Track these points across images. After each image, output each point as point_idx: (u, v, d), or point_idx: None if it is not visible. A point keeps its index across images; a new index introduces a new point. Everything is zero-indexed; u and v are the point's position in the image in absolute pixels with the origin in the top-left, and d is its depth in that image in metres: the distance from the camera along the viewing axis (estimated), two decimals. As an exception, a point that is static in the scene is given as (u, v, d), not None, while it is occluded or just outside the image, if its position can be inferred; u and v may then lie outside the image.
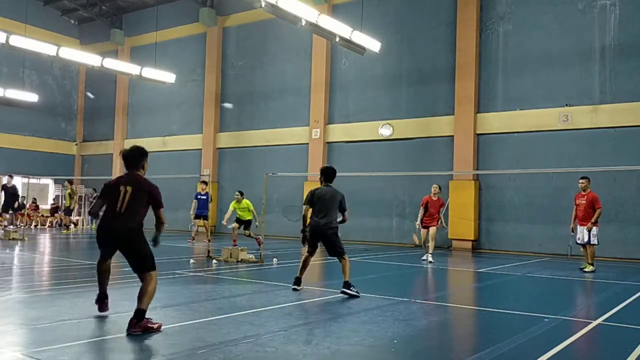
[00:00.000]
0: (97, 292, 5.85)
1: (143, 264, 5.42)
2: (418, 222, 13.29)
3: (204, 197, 16.83)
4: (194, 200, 17.13)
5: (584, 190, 11.57)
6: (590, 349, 5.43)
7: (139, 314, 5.10)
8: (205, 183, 17.05)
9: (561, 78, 16.13)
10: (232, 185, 22.52)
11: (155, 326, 5.17)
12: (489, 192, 17.20)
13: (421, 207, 13.20)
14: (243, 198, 15.07)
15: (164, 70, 20.91)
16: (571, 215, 11.93)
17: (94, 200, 27.33)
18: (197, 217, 17.03)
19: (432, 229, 13.01)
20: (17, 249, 13.86)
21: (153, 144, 25.61)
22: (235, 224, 15.18)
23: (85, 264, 10.92)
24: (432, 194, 13.24)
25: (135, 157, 5.70)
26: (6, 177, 19.52)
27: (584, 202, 11.45)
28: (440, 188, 13.55)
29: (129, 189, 5.50)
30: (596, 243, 11.39)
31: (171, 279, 8.79)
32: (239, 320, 5.78)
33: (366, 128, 19.48)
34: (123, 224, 5.45)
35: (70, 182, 22.04)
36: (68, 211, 21.81)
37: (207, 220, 15.97)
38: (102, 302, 5.84)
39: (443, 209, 13.70)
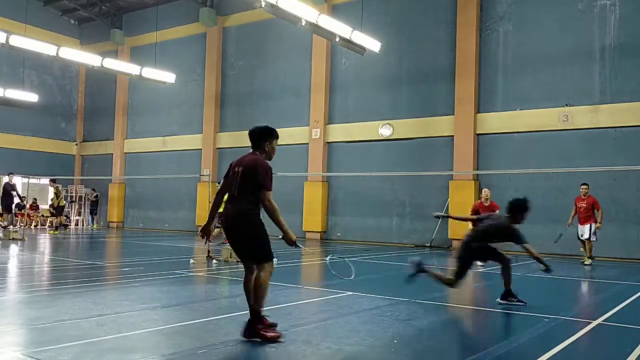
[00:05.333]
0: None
1: None
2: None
3: None
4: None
5: (584, 195, 12.80)
6: (590, 349, 5.42)
7: None
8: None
9: (561, 78, 16.13)
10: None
11: None
12: (489, 192, 17.18)
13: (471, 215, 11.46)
14: None
15: (164, 70, 20.92)
16: (570, 214, 13.16)
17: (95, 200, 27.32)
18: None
19: None
20: (17, 249, 13.86)
21: (153, 144, 25.65)
22: None
23: (85, 264, 10.92)
24: (482, 199, 12.65)
25: None
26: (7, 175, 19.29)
27: (585, 205, 12.73)
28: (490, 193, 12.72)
29: None
30: (595, 239, 12.75)
31: (171, 279, 8.78)
32: (239, 320, 5.78)
33: (366, 128, 19.48)
34: None
35: (54, 180, 21.55)
36: (61, 210, 21.45)
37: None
38: None
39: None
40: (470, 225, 10.16)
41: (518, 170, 15.88)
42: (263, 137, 5.32)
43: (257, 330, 4.91)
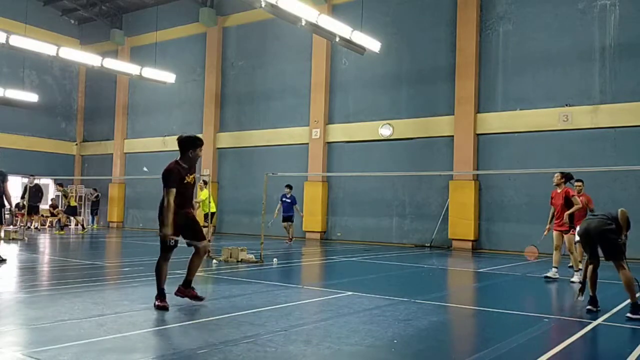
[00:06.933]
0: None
1: None
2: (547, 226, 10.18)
3: (289, 201, 17.55)
4: (279, 203, 17.51)
5: (579, 192, 11.75)
6: (590, 349, 5.43)
7: None
8: (290, 187, 17.66)
9: (561, 78, 16.14)
10: (232, 185, 22.54)
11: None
12: (489, 192, 17.20)
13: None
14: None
15: (164, 70, 20.92)
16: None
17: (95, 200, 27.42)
18: (283, 219, 17.61)
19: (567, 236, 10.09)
20: (17, 249, 13.86)
21: (153, 144, 25.64)
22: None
23: (85, 264, 10.92)
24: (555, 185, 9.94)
25: None
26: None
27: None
28: (563, 176, 9.92)
29: None
30: None
31: (171, 279, 8.77)
32: (239, 320, 5.78)
33: (366, 128, 19.49)
34: None
35: (61, 184, 21.98)
36: (74, 210, 21.62)
37: (292, 222, 17.59)
38: None
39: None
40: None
41: (518, 170, 15.88)
42: (188, 145, 6.52)
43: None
